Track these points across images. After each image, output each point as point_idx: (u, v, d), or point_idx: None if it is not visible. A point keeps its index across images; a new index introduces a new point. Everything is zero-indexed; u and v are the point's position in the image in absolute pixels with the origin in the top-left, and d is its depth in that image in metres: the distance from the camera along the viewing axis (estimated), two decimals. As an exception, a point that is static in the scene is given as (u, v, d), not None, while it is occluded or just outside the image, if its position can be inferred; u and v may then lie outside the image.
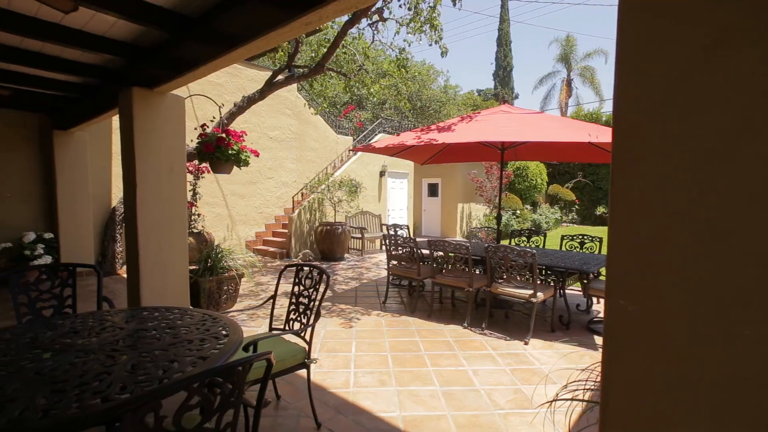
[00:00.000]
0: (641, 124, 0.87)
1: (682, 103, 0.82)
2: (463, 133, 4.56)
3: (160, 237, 3.49)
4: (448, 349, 3.82)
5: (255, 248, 9.49)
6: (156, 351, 1.66)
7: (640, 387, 0.88)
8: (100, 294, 2.46)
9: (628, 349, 0.91)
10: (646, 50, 0.86)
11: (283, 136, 10.24)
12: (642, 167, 0.87)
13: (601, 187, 18.28)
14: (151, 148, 3.40)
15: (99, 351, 1.62)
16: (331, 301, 5.53)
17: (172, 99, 3.58)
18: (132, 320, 2.05)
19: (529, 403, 2.84)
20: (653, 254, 0.86)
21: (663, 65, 0.83)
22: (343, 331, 4.32)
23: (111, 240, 6.45)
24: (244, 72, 9.22)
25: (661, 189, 0.85)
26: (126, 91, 3.32)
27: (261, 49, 2.43)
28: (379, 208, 11.61)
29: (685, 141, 0.81)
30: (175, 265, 3.63)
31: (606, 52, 27.48)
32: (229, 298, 4.49)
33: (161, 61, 3.16)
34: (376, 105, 19.60)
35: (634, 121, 0.88)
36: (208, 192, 8.62)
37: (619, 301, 0.92)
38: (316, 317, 2.54)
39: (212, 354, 1.66)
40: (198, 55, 2.76)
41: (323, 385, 3.08)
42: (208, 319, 2.14)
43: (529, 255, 3.98)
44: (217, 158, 4.00)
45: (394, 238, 5.24)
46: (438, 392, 3.00)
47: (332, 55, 5.47)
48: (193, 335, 1.87)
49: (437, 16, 5.85)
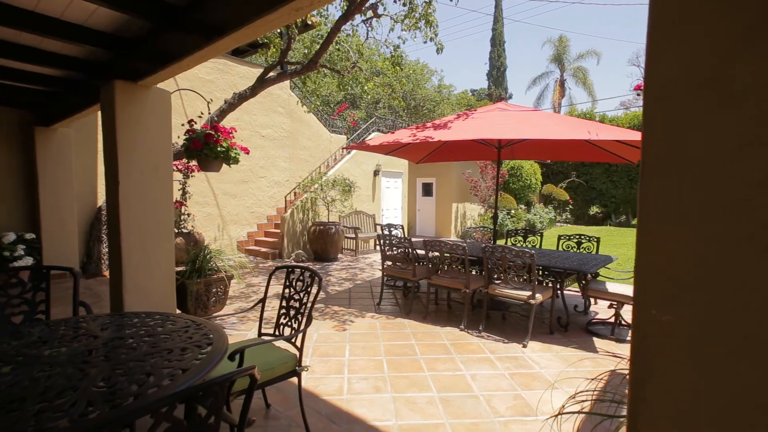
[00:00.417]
0: (679, 113, 0.76)
1: (724, 89, 0.71)
2: (460, 131, 4.45)
3: (144, 237, 3.33)
4: (445, 353, 3.71)
5: (247, 249, 9.32)
6: (131, 362, 1.52)
7: (679, 411, 0.77)
8: (77, 299, 2.30)
9: (664, 366, 0.79)
10: (684, 32, 0.74)
11: (276, 135, 10.06)
12: (680, 161, 0.75)
13: (594, 187, 18.34)
14: (135, 143, 3.24)
15: (67, 363, 1.47)
16: (324, 303, 5.39)
17: (158, 93, 3.42)
18: (108, 328, 1.90)
19: (530, 410, 2.73)
20: (692, 258, 0.74)
21: (704, 48, 0.72)
22: (336, 334, 4.19)
23: (96, 240, 6.25)
24: (235, 69, 9.04)
25: (702, 185, 0.73)
26: (108, 85, 3.16)
27: (249, 37, 2.29)
28: (373, 207, 11.49)
29: (733, 129, 0.70)
30: (161, 266, 3.47)
31: (599, 53, 27.63)
32: (218, 301, 4.33)
33: (145, 53, 3.01)
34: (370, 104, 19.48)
35: (670, 109, 0.77)
36: (199, 191, 8.43)
37: (651, 310, 0.81)
38: (307, 322, 2.40)
39: (193, 365, 1.52)
40: (183, 46, 2.61)
41: (315, 392, 2.95)
42: (191, 325, 2.00)
43: (527, 255, 3.88)
44: (205, 155, 3.86)
45: (388, 238, 5.12)
46: (435, 399, 2.88)
47: (325, 51, 5.33)
48: (174, 344, 1.73)
49: (432, 12, 5.74)
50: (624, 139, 3.86)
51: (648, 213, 0.80)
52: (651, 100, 0.79)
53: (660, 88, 0.78)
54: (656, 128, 0.79)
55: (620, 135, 3.91)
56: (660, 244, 0.78)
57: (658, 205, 0.78)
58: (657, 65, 0.78)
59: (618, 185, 17.67)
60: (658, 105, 0.78)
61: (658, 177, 0.78)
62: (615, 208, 17.81)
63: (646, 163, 0.80)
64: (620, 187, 17.62)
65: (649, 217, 0.80)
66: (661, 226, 0.78)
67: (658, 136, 0.78)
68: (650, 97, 0.79)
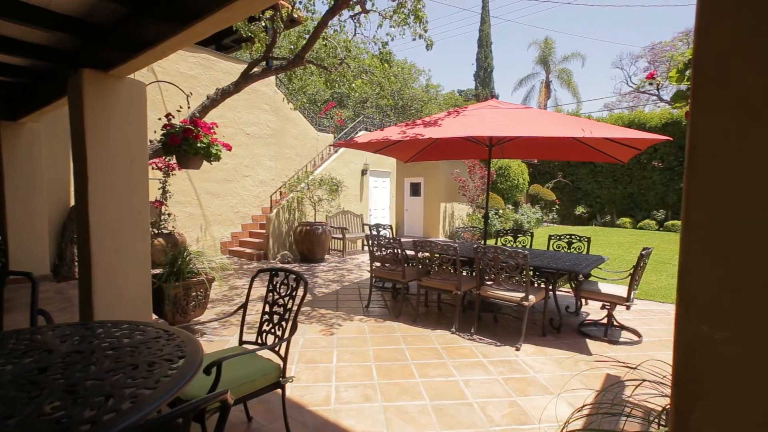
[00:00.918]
0: (742, 93, 0.63)
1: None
2: (451, 128, 4.33)
3: (117, 238, 3.10)
4: (437, 357, 3.58)
5: (231, 250, 9.04)
6: (89, 382, 1.33)
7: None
8: (35, 307, 2.09)
9: (716, 392, 0.67)
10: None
11: (261, 133, 9.81)
12: (746, 146, 0.62)
13: (580, 187, 18.54)
14: (106, 137, 3.01)
15: (11, 384, 1.28)
16: (311, 306, 5.21)
17: (132, 84, 3.20)
18: (67, 339, 1.70)
19: (527, 417, 2.62)
20: (759, 264, 0.62)
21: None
22: (323, 338, 4.02)
23: (69, 241, 5.92)
24: (219, 64, 8.77)
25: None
26: (75, 74, 2.92)
27: (228, 21, 2.11)
28: (361, 207, 11.32)
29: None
30: (136, 269, 3.25)
31: (583, 55, 28.04)
32: (199, 305, 4.11)
33: (116, 40, 2.79)
34: (358, 103, 19.31)
35: (729, 90, 0.64)
36: (180, 190, 8.13)
37: (701, 326, 0.68)
38: (292, 330, 2.24)
39: (161, 383, 1.34)
40: (157, 32, 2.41)
41: (301, 402, 2.78)
42: (162, 335, 1.81)
43: (521, 256, 3.79)
44: (184, 151, 3.65)
45: (377, 239, 4.97)
46: (428, 407, 2.74)
47: (312, 46, 5.15)
48: (141, 358, 1.55)
49: (422, 8, 5.61)
50: (619, 137, 3.79)
51: (699, 210, 0.67)
52: (703, 80, 0.66)
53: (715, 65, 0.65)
54: (711, 111, 0.66)
55: (615, 133, 3.85)
56: (715, 247, 0.65)
57: (713, 201, 0.65)
58: (710, 39, 0.65)
59: (603, 185, 17.90)
60: (714, 86, 0.65)
61: (714, 166, 0.65)
62: (600, 208, 18.04)
63: (694, 154, 0.67)
64: (605, 188, 17.85)
65: (700, 216, 0.67)
66: (717, 226, 0.65)
67: (714, 121, 0.65)
68: (703, 76, 0.66)
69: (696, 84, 0.67)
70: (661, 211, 16.24)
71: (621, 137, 3.84)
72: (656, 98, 24.53)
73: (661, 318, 4.85)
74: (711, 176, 0.66)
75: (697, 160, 0.65)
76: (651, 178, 16.53)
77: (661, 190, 16.35)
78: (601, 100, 61.70)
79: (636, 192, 17.02)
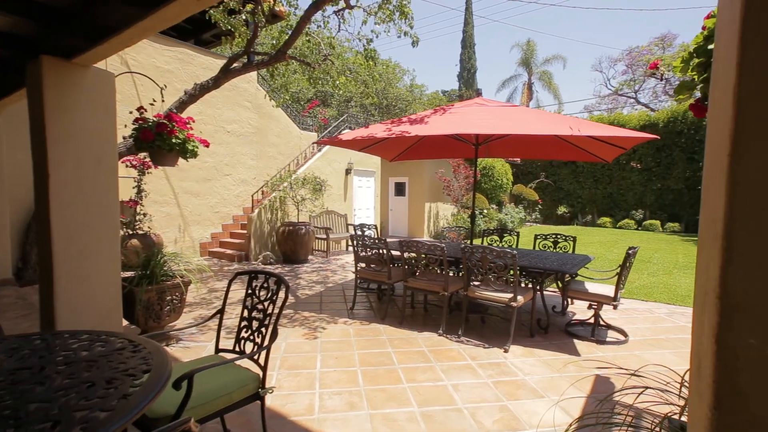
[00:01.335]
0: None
1: None
2: (438, 126, 4.24)
3: (82, 240, 2.88)
4: (424, 361, 3.48)
5: (211, 251, 8.75)
6: (33, 404, 1.16)
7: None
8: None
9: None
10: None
11: (242, 130, 9.54)
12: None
13: (562, 188, 18.81)
14: (69, 131, 2.79)
15: (-62, 411, 1.10)
16: (294, 308, 5.04)
17: (99, 74, 2.98)
18: (14, 354, 1.52)
19: (518, 422, 2.54)
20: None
21: None
22: (306, 343, 3.87)
23: (34, 243, 5.58)
24: (198, 59, 8.48)
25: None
26: (34, 61, 2.70)
27: (200, 6, 1.95)
28: (345, 207, 11.16)
29: None
30: (104, 273, 3.02)
31: (564, 57, 28.58)
32: (174, 310, 3.89)
33: (79, 25, 2.58)
34: (342, 102, 19.11)
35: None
36: (156, 189, 7.81)
37: (749, 340, 0.58)
38: (272, 336, 2.09)
39: (119, 405, 1.18)
40: (123, 16, 2.22)
41: (283, 412, 2.63)
42: (127, 346, 1.65)
43: (509, 256, 3.72)
44: (158, 147, 3.45)
45: (361, 239, 4.84)
46: (416, 414, 2.63)
47: (294, 41, 4.99)
48: (100, 373, 1.38)
49: (408, 3, 5.51)
50: (607, 135, 3.77)
51: (742, 207, 0.57)
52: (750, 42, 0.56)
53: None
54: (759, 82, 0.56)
55: (603, 131, 3.82)
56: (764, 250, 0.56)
57: (761, 197, 0.55)
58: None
59: (584, 186, 18.21)
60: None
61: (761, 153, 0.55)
62: (581, 207, 18.35)
63: (743, 132, 0.57)
64: (586, 188, 18.16)
65: (747, 211, 0.57)
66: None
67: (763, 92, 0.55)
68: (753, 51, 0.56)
69: (744, 58, 0.57)
70: (639, 210, 16.63)
71: (609, 135, 3.82)
72: (634, 101, 25.21)
73: (645, 317, 4.88)
74: (755, 163, 0.56)
75: (749, 145, 0.55)
76: (630, 178, 16.90)
77: (639, 191, 16.74)
78: (581, 102, 63.01)
79: (615, 192, 17.38)
